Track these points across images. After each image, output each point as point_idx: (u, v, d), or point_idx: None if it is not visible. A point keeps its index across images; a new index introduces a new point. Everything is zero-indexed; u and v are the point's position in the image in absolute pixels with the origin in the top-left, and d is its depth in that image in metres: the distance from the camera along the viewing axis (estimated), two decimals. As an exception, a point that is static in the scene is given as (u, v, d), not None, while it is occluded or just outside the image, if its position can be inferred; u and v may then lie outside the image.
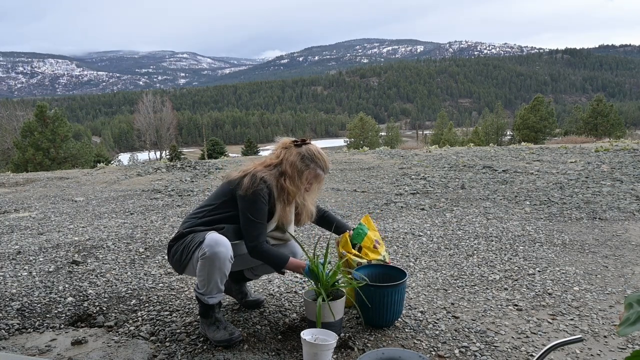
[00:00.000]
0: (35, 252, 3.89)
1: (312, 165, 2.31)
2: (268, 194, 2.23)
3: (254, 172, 2.26)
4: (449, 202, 5.47)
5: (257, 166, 2.33)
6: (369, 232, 2.62)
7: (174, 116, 52.77)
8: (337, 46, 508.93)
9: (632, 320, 0.75)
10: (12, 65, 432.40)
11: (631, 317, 0.76)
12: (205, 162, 10.48)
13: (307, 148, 2.34)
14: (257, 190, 2.20)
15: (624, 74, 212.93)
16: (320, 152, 2.37)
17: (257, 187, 2.20)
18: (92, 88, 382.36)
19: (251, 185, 2.21)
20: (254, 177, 2.23)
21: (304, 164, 2.30)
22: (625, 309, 0.79)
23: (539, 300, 2.72)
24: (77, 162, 23.72)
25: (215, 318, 2.26)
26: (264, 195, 2.21)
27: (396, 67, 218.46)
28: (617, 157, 8.34)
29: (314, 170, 2.32)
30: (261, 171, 2.27)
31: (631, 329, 0.74)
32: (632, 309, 0.78)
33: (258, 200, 2.20)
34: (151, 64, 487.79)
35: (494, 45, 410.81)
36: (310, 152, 2.32)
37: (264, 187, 2.22)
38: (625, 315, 0.78)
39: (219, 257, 2.09)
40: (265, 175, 2.25)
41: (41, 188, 7.78)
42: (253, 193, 2.20)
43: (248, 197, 2.20)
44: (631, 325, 0.75)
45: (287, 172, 2.28)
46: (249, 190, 2.20)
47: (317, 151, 2.35)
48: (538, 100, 41.73)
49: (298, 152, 2.31)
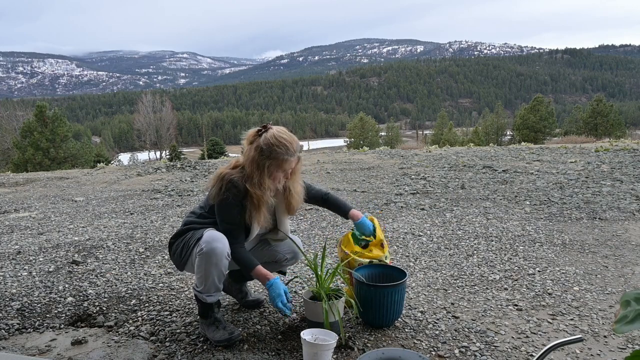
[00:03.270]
0: (35, 252, 3.89)
1: (273, 155, 2.11)
2: (239, 195, 2.16)
3: (222, 176, 2.19)
4: (449, 202, 5.46)
5: (225, 169, 2.23)
6: (378, 231, 2.62)
7: (174, 116, 52.73)
8: (337, 46, 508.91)
9: (630, 318, 0.74)
10: (12, 65, 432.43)
11: (629, 314, 0.75)
12: (205, 162, 10.48)
13: (265, 137, 2.13)
14: (225, 193, 2.15)
15: (624, 74, 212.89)
16: (279, 136, 2.13)
17: (225, 190, 2.15)
18: (92, 88, 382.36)
19: (219, 190, 2.17)
20: (221, 181, 2.17)
21: (264, 157, 2.12)
22: (622, 307, 0.78)
23: (539, 300, 2.72)
24: (77, 162, 23.71)
25: (214, 318, 2.26)
26: (234, 198, 2.15)
27: (396, 67, 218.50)
28: (617, 157, 8.34)
29: (277, 158, 2.12)
30: (228, 174, 2.18)
31: (629, 327, 0.73)
32: (629, 307, 0.77)
33: (227, 204, 2.16)
34: (151, 64, 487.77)
35: (494, 45, 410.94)
36: (267, 142, 2.11)
37: (233, 189, 2.14)
38: (622, 312, 0.77)
39: (215, 252, 2.09)
40: (233, 177, 2.16)
41: (41, 188, 7.78)
42: (222, 196, 2.16)
43: (218, 203, 2.18)
44: (629, 324, 0.74)
45: (247, 173, 2.16)
46: (218, 195, 2.17)
47: (273, 137, 2.12)
48: (538, 100, 41.74)
49: (257, 146, 2.14)
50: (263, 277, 2.16)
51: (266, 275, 2.16)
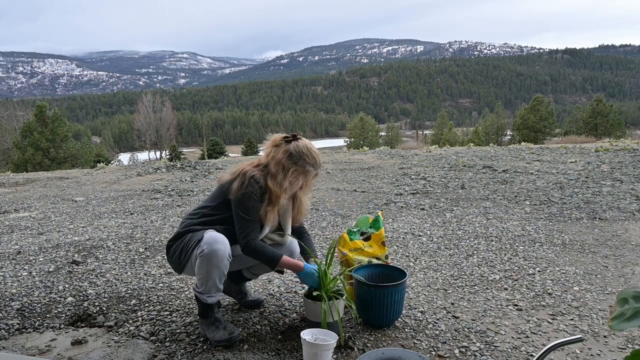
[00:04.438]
0: (35, 252, 3.89)
1: (300, 162, 2.24)
2: (260, 191, 2.22)
3: (244, 172, 2.24)
4: (449, 202, 5.47)
5: (247, 166, 2.30)
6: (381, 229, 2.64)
7: (174, 116, 52.73)
8: (337, 46, 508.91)
9: (627, 316, 0.74)
10: (12, 65, 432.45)
11: (626, 312, 0.75)
12: (205, 162, 10.48)
13: (296, 144, 2.26)
14: (248, 188, 2.19)
15: (624, 74, 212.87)
16: (310, 147, 2.29)
17: (248, 185, 2.19)
18: (92, 88, 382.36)
19: (242, 184, 2.20)
20: (244, 176, 2.22)
21: (291, 161, 2.24)
22: (618, 304, 0.77)
23: (539, 300, 2.72)
24: (77, 162, 23.71)
25: (214, 318, 2.26)
26: (256, 193, 2.20)
27: (396, 67, 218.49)
28: (617, 157, 8.34)
29: (302, 167, 2.25)
30: (251, 170, 2.25)
31: (626, 325, 0.73)
32: (627, 305, 0.76)
33: (250, 198, 2.19)
34: (151, 64, 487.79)
35: (494, 45, 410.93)
36: (298, 149, 2.24)
37: (255, 185, 2.20)
38: (619, 310, 0.76)
39: (217, 254, 2.09)
40: (255, 174, 2.23)
41: (41, 188, 7.78)
42: (244, 191, 2.19)
43: (240, 196, 2.20)
44: (627, 321, 0.73)
45: (271, 171, 2.24)
46: (240, 189, 2.19)
47: (305, 147, 2.26)
48: (538, 100, 41.74)
49: (286, 150, 2.25)
50: (295, 265, 2.25)
51: (296, 263, 2.26)
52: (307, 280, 2.27)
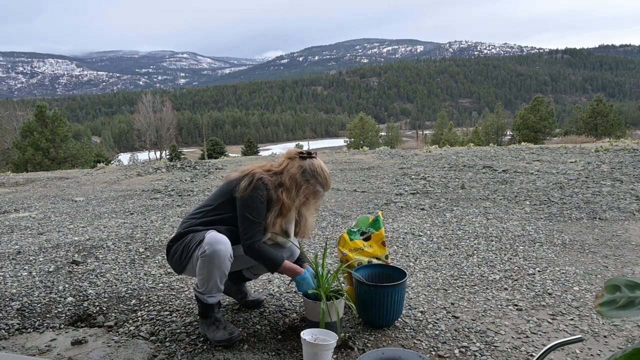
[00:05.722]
0: (35, 252, 3.89)
1: (312, 181, 2.28)
2: (266, 195, 2.23)
3: (253, 173, 2.26)
4: (449, 202, 5.47)
5: (257, 168, 2.32)
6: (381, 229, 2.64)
7: (174, 116, 52.73)
8: (337, 46, 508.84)
9: (620, 304, 0.71)
10: (12, 65, 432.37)
11: (618, 299, 0.72)
12: (205, 162, 10.48)
13: (311, 162, 2.30)
14: (255, 190, 2.20)
15: (624, 74, 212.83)
16: (323, 168, 2.33)
17: (255, 187, 2.21)
18: (92, 88, 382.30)
19: (249, 184, 2.21)
20: (252, 177, 2.24)
21: (304, 178, 2.27)
22: (607, 290, 0.74)
23: (539, 300, 2.72)
24: (77, 162, 23.70)
25: (214, 318, 2.26)
26: (262, 195, 2.22)
27: (396, 67, 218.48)
28: (617, 157, 8.34)
29: (314, 186, 2.29)
30: (260, 173, 2.27)
31: (617, 313, 0.71)
32: (619, 292, 0.73)
33: (256, 199, 2.20)
34: (151, 64, 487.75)
35: (494, 45, 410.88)
36: (313, 167, 2.29)
37: (263, 189, 2.22)
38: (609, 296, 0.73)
39: (219, 255, 2.09)
40: (264, 177, 2.25)
41: (41, 188, 7.78)
42: (251, 192, 2.20)
43: (246, 196, 2.21)
44: (618, 309, 0.71)
45: (285, 184, 2.26)
46: (247, 189, 2.21)
47: (319, 167, 2.31)
48: (538, 100, 41.72)
49: (300, 165, 2.29)
50: (294, 270, 2.26)
51: (296, 268, 2.26)
52: (302, 286, 2.25)
